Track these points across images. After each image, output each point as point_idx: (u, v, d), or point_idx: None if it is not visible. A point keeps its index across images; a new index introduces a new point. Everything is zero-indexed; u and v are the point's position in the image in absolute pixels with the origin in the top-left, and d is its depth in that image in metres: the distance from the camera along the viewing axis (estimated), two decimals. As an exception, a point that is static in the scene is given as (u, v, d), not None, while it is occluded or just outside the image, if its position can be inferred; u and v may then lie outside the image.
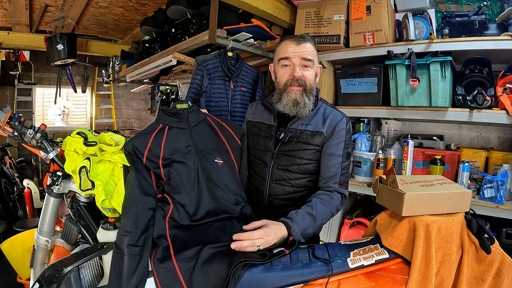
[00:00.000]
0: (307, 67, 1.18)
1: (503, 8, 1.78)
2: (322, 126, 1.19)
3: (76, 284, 0.93)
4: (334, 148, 1.17)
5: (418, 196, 0.91)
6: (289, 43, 1.18)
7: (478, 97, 1.55)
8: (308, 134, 1.19)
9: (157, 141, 1.11)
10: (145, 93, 5.74)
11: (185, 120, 1.18)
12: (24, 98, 4.70)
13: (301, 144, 1.18)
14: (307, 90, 1.18)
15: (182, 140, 1.13)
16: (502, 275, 0.90)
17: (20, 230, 1.73)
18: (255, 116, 1.32)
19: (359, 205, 2.33)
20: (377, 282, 0.88)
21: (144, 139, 1.11)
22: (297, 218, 1.03)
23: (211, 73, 1.76)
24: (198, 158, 1.12)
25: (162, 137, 1.12)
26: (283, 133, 1.19)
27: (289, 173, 1.19)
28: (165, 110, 1.20)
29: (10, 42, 3.55)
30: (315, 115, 1.22)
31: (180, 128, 1.17)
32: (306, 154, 1.18)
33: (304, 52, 1.16)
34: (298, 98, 1.17)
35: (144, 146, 1.08)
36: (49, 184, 1.22)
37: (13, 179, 3.60)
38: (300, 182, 1.20)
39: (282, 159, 1.20)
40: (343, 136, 1.19)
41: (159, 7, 2.80)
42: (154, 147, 1.09)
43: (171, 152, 1.09)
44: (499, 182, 1.53)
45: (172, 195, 1.06)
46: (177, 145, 1.12)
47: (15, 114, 1.17)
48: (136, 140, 1.11)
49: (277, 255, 0.90)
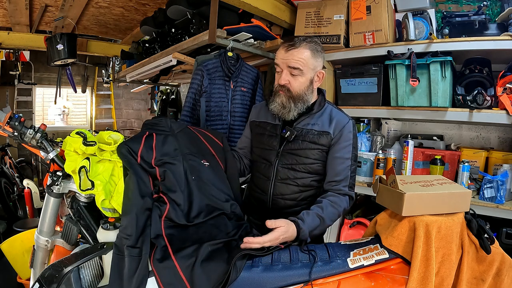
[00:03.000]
0: (295, 76, 1.16)
1: (503, 8, 1.78)
2: (328, 126, 1.20)
3: (76, 284, 0.93)
4: (343, 151, 1.18)
5: (418, 196, 0.91)
6: (281, 48, 1.18)
7: (478, 97, 1.55)
8: (314, 134, 1.19)
9: (148, 143, 1.14)
10: (145, 93, 5.74)
11: (168, 127, 1.22)
12: (24, 98, 4.70)
13: (307, 143, 1.19)
14: (293, 97, 1.17)
15: (169, 144, 1.17)
16: (502, 275, 0.90)
17: (20, 230, 1.73)
18: (260, 117, 1.33)
19: (359, 205, 2.33)
20: (377, 282, 0.89)
21: (136, 141, 1.13)
22: (307, 219, 1.04)
23: (211, 73, 1.75)
24: (185, 160, 1.14)
25: (152, 140, 1.15)
26: (289, 131, 1.19)
27: (294, 172, 1.20)
28: (147, 122, 1.26)
29: (10, 42, 3.55)
30: (322, 115, 1.22)
31: (166, 133, 1.20)
32: (312, 154, 1.19)
33: (290, 60, 1.14)
34: (284, 103, 1.18)
35: (137, 147, 1.11)
36: (49, 184, 1.22)
37: (13, 179, 3.60)
38: (306, 182, 1.20)
39: (287, 157, 1.21)
40: (351, 139, 1.19)
41: (159, 7, 2.80)
42: (146, 149, 1.12)
43: (161, 154, 1.12)
44: (499, 182, 1.53)
45: (168, 194, 1.07)
46: (166, 148, 1.15)
47: (15, 114, 1.17)
48: (129, 142, 1.14)
49: (275, 249, 0.95)
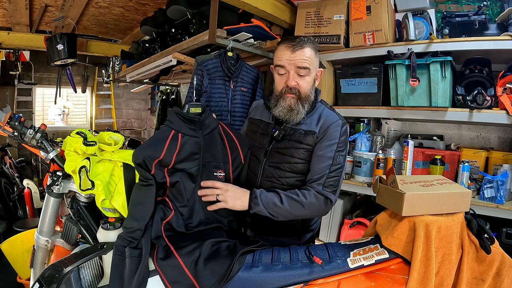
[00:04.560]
0: (302, 76, 1.14)
1: (503, 8, 1.78)
2: (315, 125, 1.17)
3: (76, 284, 0.93)
4: (325, 150, 1.13)
5: (418, 196, 0.91)
6: (284, 49, 1.13)
7: (478, 97, 1.55)
8: (301, 133, 1.17)
9: (171, 150, 1.04)
10: (145, 93, 5.74)
11: (199, 129, 1.11)
12: (24, 98, 4.70)
13: (293, 142, 1.17)
14: (301, 98, 1.15)
15: (192, 150, 1.08)
16: (502, 275, 0.90)
17: (20, 230, 1.73)
18: (256, 114, 1.32)
19: (359, 205, 2.33)
20: (377, 282, 0.89)
21: (156, 149, 1.03)
22: (264, 193, 1.08)
23: (211, 73, 1.75)
24: (202, 169, 1.10)
25: (175, 146, 1.05)
26: (277, 130, 1.19)
27: (279, 171, 1.19)
28: (180, 114, 1.10)
29: (10, 42, 3.55)
30: (312, 115, 1.20)
31: (193, 136, 1.09)
32: (298, 153, 1.17)
33: (299, 60, 1.11)
34: (293, 105, 1.15)
35: (155, 157, 1.02)
36: (49, 184, 1.22)
37: (13, 179, 3.59)
38: (290, 181, 1.18)
39: (274, 156, 1.20)
40: (337, 138, 1.14)
41: (159, 7, 2.80)
42: (167, 157, 1.03)
43: (179, 161, 1.05)
44: (499, 182, 1.53)
45: (174, 202, 1.07)
46: (187, 155, 1.07)
47: (15, 114, 1.17)
48: (148, 150, 1.03)
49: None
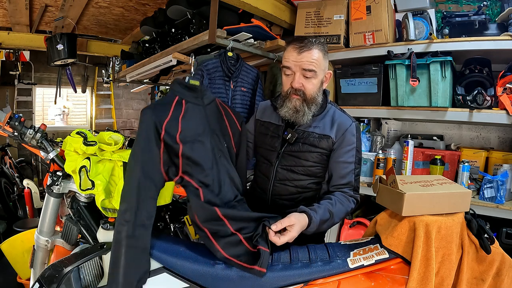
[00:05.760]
0: (308, 78, 1.13)
1: (503, 8, 1.78)
2: (330, 129, 1.18)
3: (76, 284, 0.93)
4: (346, 155, 1.16)
5: (418, 196, 0.91)
6: (291, 50, 1.13)
7: (478, 97, 1.55)
8: (315, 137, 1.18)
9: (176, 114, 1.02)
10: (145, 93, 5.73)
11: (200, 97, 1.12)
12: (24, 98, 4.69)
13: (308, 146, 1.18)
14: (307, 100, 1.15)
15: (198, 117, 1.07)
16: (502, 275, 0.90)
17: (20, 230, 1.73)
18: (264, 116, 1.31)
19: (359, 205, 2.32)
20: (377, 282, 0.89)
21: (164, 111, 1.01)
22: (319, 211, 1.03)
23: (211, 73, 1.75)
24: (212, 138, 1.09)
25: (180, 111, 1.04)
26: (290, 133, 1.19)
27: (293, 173, 1.19)
28: (182, 83, 1.11)
29: (10, 42, 3.54)
30: (324, 118, 1.20)
31: (196, 104, 1.09)
32: (312, 157, 1.18)
33: (305, 62, 1.11)
34: (298, 107, 1.15)
35: (164, 116, 0.99)
36: (49, 184, 1.22)
37: (13, 179, 3.59)
38: (304, 184, 1.20)
39: (287, 159, 1.20)
40: (354, 142, 1.17)
41: (159, 7, 2.79)
42: (172, 120, 1.00)
43: (188, 128, 1.02)
44: (499, 182, 1.53)
45: (195, 176, 1.00)
46: (194, 122, 1.05)
47: (15, 114, 1.17)
48: (156, 111, 1.00)
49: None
